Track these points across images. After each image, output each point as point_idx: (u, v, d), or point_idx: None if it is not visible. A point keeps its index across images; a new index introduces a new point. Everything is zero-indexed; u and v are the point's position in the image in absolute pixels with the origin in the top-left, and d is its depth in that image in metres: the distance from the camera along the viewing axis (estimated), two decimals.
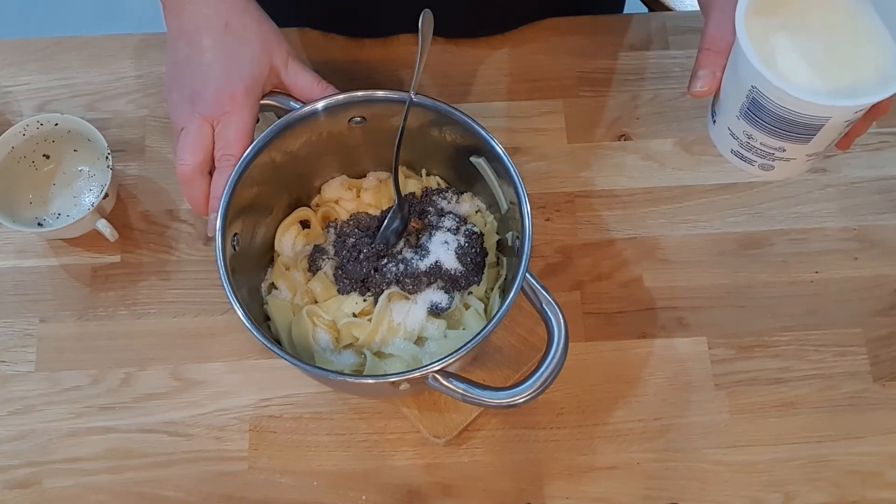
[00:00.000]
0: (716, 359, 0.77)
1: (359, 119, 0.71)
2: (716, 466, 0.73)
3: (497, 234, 0.75)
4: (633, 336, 0.77)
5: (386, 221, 0.73)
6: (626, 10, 1.05)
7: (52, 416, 0.74)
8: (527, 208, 0.65)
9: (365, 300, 0.72)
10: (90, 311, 0.78)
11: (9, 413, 0.75)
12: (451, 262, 0.71)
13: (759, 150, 0.60)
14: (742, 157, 0.62)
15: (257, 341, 0.75)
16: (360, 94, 0.69)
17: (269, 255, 0.75)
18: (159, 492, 0.72)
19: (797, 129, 0.56)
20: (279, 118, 0.69)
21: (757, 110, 0.56)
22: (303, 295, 0.73)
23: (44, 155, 0.80)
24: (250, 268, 0.72)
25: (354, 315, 0.72)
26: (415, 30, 0.65)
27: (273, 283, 0.74)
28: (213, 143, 0.67)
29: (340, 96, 0.69)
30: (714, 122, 0.63)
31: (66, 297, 0.78)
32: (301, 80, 0.70)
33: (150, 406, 0.75)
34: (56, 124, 0.78)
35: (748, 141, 0.59)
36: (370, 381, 0.64)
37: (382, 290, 0.71)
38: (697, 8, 0.65)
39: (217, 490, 0.73)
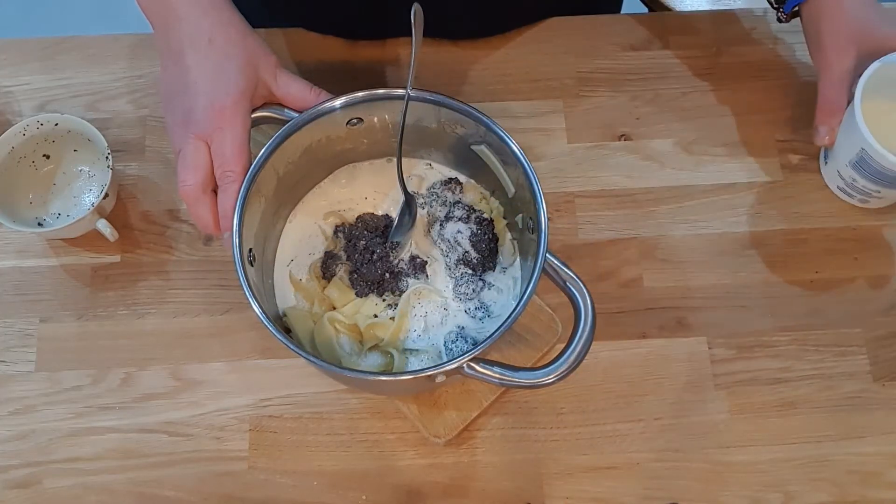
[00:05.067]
0: (716, 359, 0.77)
1: (355, 121, 0.71)
2: (716, 466, 0.73)
3: (505, 218, 0.75)
4: (633, 336, 0.77)
5: (396, 219, 0.73)
6: (626, 11, 1.05)
7: (52, 416, 0.74)
8: (538, 188, 0.65)
9: (384, 300, 0.72)
10: (90, 311, 0.78)
11: (9, 413, 0.75)
12: (467, 250, 0.73)
13: (860, 190, 0.78)
14: (845, 192, 0.80)
15: (257, 342, 0.76)
16: (360, 94, 0.69)
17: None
18: (159, 492, 0.72)
19: (893, 180, 0.74)
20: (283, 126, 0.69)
21: (863, 165, 0.75)
22: (320, 303, 0.73)
23: (44, 155, 0.80)
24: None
25: (375, 316, 0.72)
26: (410, 32, 0.65)
27: None
28: (212, 161, 0.67)
29: (340, 99, 0.69)
30: (826, 162, 0.81)
31: (66, 297, 0.78)
32: (293, 89, 0.70)
33: (150, 406, 0.75)
34: (56, 124, 0.78)
35: (853, 183, 0.78)
36: (408, 377, 0.64)
37: (400, 288, 0.72)
38: (697, 8, 0.66)
39: (217, 490, 0.72)
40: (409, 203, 0.73)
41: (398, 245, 0.73)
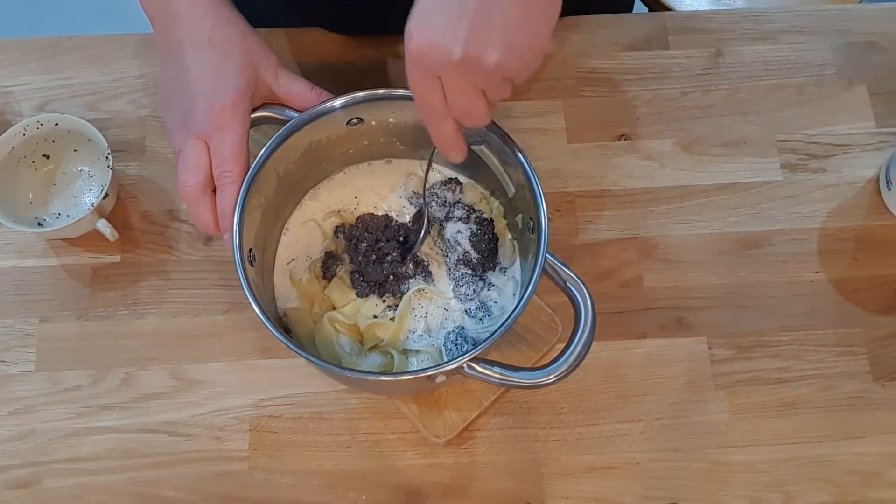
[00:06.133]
0: (716, 359, 0.77)
1: (356, 121, 0.71)
2: (716, 466, 0.73)
3: (505, 218, 0.75)
4: (633, 336, 0.77)
5: (419, 238, 0.72)
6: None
7: (52, 416, 0.74)
8: (538, 188, 0.65)
9: (384, 301, 0.72)
10: (90, 311, 0.78)
11: (9, 413, 0.75)
12: (467, 250, 0.73)
13: None
14: None
15: (257, 342, 0.76)
16: (360, 94, 0.69)
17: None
18: (159, 492, 0.72)
19: None
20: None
21: None
22: (320, 304, 0.73)
23: (44, 155, 0.80)
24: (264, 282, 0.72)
25: (375, 316, 0.72)
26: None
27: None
28: (211, 161, 0.66)
29: (340, 99, 0.69)
30: (889, 189, 0.80)
31: (66, 297, 0.78)
32: (294, 88, 0.70)
33: (150, 406, 0.75)
34: (56, 124, 0.78)
35: None
36: (408, 377, 0.64)
37: (401, 289, 0.72)
38: (697, 8, 0.66)
39: (217, 490, 0.73)
40: (426, 220, 0.73)
41: (409, 254, 0.73)
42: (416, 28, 0.56)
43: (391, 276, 0.72)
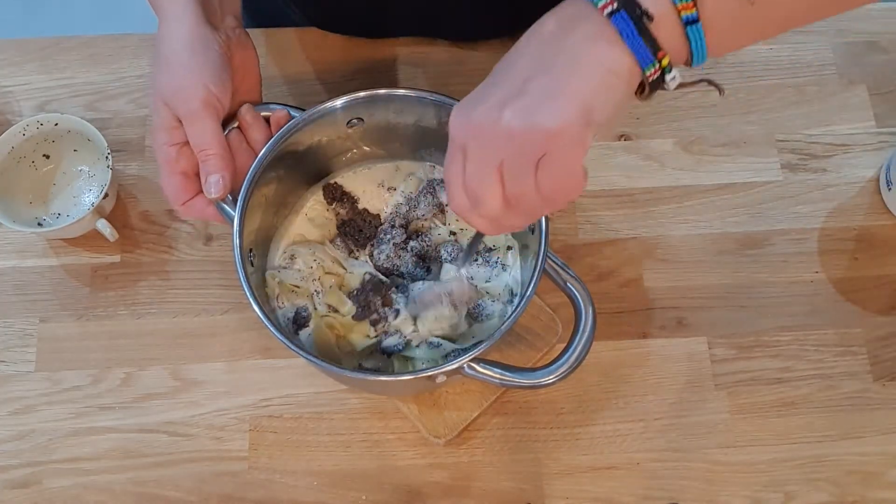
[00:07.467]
0: (716, 359, 0.77)
1: (356, 121, 0.71)
2: (716, 466, 0.73)
3: None
4: (633, 336, 0.77)
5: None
6: None
7: (52, 416, 0.74)
8: None
9: (376, 332, 0.71)
10: (90, 311, 0.78)
11: (9, 413, 0.75)
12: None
13: None
14: None
15: (257, 342, 0.76)
16: (361, 94, 0.69)
17: None
18: (159, 492, 0.72)
19: None
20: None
21: None
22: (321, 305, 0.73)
23: (44, 155, 0.80)
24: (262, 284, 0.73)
25: (367, 336, 0.71)
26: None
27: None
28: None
29: (340, 99, 0.68)
30: (889, 189, 0.80)
31: (66, 297, 0.78)
32: (196, 138, 0.64)
33: (150, 406, 0.75)
34: (56, 124, 0.78)
35: None
36: (408, 377, 0.64)
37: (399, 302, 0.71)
38: None
39: (217, 490, 0.73)
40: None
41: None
42: (455, 107, 0.53)
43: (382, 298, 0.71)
